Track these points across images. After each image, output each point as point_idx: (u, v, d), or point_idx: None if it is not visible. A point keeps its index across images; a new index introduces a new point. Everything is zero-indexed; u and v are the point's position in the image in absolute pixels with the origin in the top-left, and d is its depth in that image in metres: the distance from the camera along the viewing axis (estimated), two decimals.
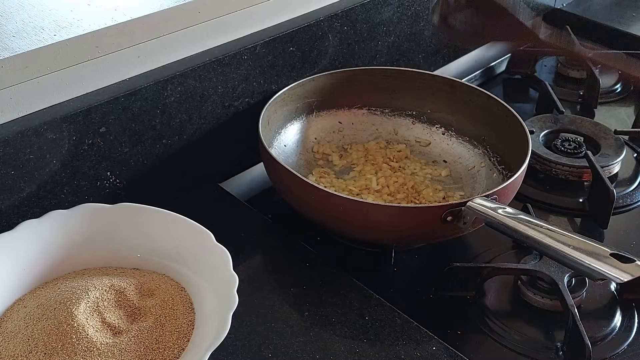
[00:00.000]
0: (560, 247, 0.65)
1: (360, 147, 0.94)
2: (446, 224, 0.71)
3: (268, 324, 0.67)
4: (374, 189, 0.85)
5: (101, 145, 0.74)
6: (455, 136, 0.93)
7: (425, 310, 0.74)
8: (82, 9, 0.76)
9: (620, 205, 0.89)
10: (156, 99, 0.76)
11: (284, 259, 0.77)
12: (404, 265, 0.80)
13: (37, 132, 0.68)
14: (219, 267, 0.65)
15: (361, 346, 0.65)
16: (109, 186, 0.76)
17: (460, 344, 0.69)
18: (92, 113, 0.72)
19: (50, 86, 0.70)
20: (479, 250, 0.82)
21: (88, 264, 0.70)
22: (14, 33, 0.70)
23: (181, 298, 0.66)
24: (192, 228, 0.70)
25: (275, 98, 0.86)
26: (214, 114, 0.83)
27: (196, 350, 0.59)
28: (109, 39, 0.73)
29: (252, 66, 0.84)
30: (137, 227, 0.71)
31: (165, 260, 0.69)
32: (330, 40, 0.92)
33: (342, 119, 0.95)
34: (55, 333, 0.59)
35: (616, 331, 0.73)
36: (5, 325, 0.62)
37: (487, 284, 0.76)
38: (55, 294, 0.63)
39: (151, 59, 0.77)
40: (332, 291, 0.71)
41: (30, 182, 0.69)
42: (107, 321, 0.61)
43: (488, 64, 1.22)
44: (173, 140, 0.80)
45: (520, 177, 0.78)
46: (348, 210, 0.72)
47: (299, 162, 0.90)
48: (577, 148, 0.95)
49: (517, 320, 0.73)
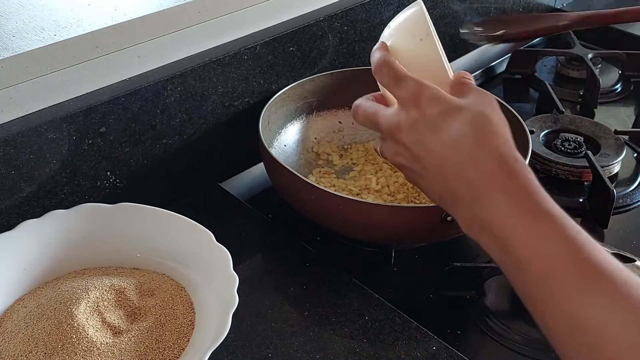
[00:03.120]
0: None
1: (361, 147, 0.94)
2: (446, 223, 0.71)
3: (268, 324, 0.67)
4: (374, 189, 0.85)
5: (101, 145, 0.74)
6: None
7: (425, 310, 0.74)
8: (82, 9, 0.76)
9: (620, 205, 0.89)
10: (156, 99, 0.76)
11: (284, 259, 0.77)
12: (404, 265, 0.80)
13: (37, 132, 0.68)
14: (219, 267, 0.66)
15: (361, 346, 0.65)
16: (109, 186, 0.76)
17: (460, 344, 0.69)
18: (92, 113, 0.72)
19: (50, 86, 0.70)
20: (479, 250, 0.81)
21: (88, 264, 0.70)
22: (14, 33, 0.70)
23: (181, 298, 0.66)
24: (192, 228, 0.70)
25: (275, 98, 0.86)
26: (214, 114, 0.83)
27: (196, 350, 0.59)
28: (109, 39, 0.73)
29: (252, 66, 0.84)
30: (137, 227, 0.71)
31: (165, 260, 0.69)
32: (330, 40, 0.92)
33: (342, 118, 0.95)
34: (55, 333, 0.59)
35: None
36: (5, 325, 0.62)
37: (487, 284, 0.76)
38: (56, 294, 0.63)
39: (151, 59, 0.77)
40: (332, 291, 0.71)
41: (30, 182, 0.69)
42: (107, 321, 0.61)
43: (488, 64, 1.22)
44: (173, 140, 0.80)
45: None
46: (348, 210, 0.72)
47: (299, 162, 0.90)
48: (577, 148, 0.95)
49: (517, 320, 0.73)
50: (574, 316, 0.48)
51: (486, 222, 0.53)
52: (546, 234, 0.50)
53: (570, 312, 0.48)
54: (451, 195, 0.56)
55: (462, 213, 0.56)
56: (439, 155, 0.56)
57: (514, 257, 0.51)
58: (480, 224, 0.54)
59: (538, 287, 0.50)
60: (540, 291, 0.50)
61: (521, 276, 0.52)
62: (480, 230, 0.54)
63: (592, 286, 0.48)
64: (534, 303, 0.52)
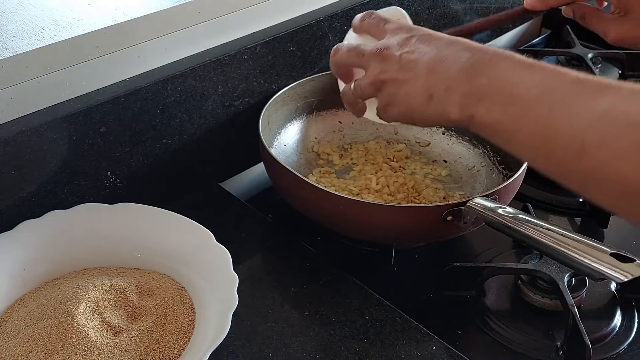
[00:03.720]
0: (560, 246, 0.65)
1: (361, 147, 0.94)
2: (446, 223, 0.71)
3: (268, 324, 0.67)
4: (374, 188, 0.85)
5: (101, 145, 0.74)
6: (455, 136, 0.93)
7: (425, 310, 0.74)
8: (82, 9, 0.76)
9: None
10: (156, 98, 0.76)
11: (284, 258, 0.77)
12: (404, 265, 0.80)
13: (37, 132, 0.68)
14: (219, 267, 0.66)
15: (361, 346, 0.65)
16: (109, 186, 0.76)
17: (460, 343, 0.69)
18: (93, 113, 0.72)
19: (50, 86, 0.70)
20: (479, 250, 0.82)
21: (88, 264, 0.70)
22: (14, 33, 0.70)
23: (181, 298, 0.66)
24: (192, 228, 0.70)
25: (275, 98, 0.86)
26: (214, 114, 0.83)
27: (196, 350, 0.59)
28: (109, 39, 0.73)
29: (252, 66, 0.84)
30: (137, 227, 0.71)
31: (165, 260, 0.69)
32: (331, 40, 0.92)
33: (342, 118, 0.95)
34: (55, 333, 0.59)
35: (616, 331, 0.73)
36: (5, 325, 0.62)
37: (487, 284, 0.76)
38: (56, 294, 0.63)
39: (151, 59, 0.77)
40: (332, 291, 0.71)
41: (30, 182, 0.69)
42: (108, 321, 0.61)
43: None
44: (173, 140, 0.80)
45: (520, 176, 0.78)
46: (348, 210, 0.72)
47: (299, 162, 0.90)
48: None
49: (517, 320, 0.73)
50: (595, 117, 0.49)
51: (490, 85, 0.55)
52: (557, 72, 0.53)
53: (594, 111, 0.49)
54: (444, 83, 0.58)
55: (455, 97, 0.57)
56: (432, 53, 0.59)
57: (523, 102, 0.53)
58: (480, 94, 0.55)
59: (554, 123, 0.51)
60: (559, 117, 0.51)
61: (533, 120, 0.53)
62: (479, 101, 0.55)
63: (609, 90, 0.50)
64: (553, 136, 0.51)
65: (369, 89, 0.64)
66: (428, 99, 0.59)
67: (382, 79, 0.62)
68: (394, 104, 0.62)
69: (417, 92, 0.60)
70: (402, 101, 0.62)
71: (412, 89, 0.60)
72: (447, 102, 0.58)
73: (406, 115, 0.62)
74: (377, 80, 0.63)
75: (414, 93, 0.60)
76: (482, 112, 0.56)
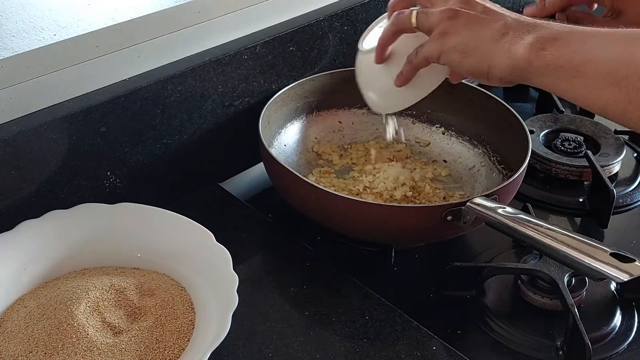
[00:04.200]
0: (560, 246, 0.65)
1: (361, 147, 0.94)
2: (446, 223, 0.71)
3: (268, 324, 0.67)
4: (374, 188, 0.85)
5: (101, 145, 0.74)
6: (455, 136, 0.93)
7: (425, 310, 0.74)
8: (82, 9, 0.76)
9: (620, 205, 0.89)
10: (156, 98, 0.76)
11: (284, 259, 0.77)
12: (404, 265, 0.80)
13: (37, 132, 0.68)
14: (219, 267, 0.66)
15: (361, 346, 0.65)
16: (109, 186, 0.76)
17: (460, 343, 0.69)
18: (93, 113, 0.72)
19: (50, 86, 0.70)
20: (479, 250, 0.81)
21: (88, 264, 0.70)
22: (14, 33, 0.70)
23: (181, 298, 0.66)
24: (192, 228, 0.70)
25: (275, 98, 0.86)
26: (214, 114, 0.83)
27: (196, 350, 0.59)
28: (109, 39, 0.73)
29: (252, 66, 0.84)
30: (137, 227, 0.71)
31: (165, 260, 0.69)
32: (330, 40, 0.92)
33: (342, 118, 0.95)
34: (55, 333, 0.59)
35: (616, 331, 0.73)
36: (5, 325, 0.62)
37: (487, 284, 0.76)
38: (56, 294, 0.63)
39: (151, 59, 0.78)
40: (332, 291, 0.71)
41: (30, 182, 0.69)
42: (108, 321, 0.61)
43: None
44: (173, 140, 0.80)
45: (520, 176, 0.78)
46: (348, 210, 0.72)
47: (299, 162, 0.90)
48: (577, 148, 0.95)
49: (517, 320, 0.73)
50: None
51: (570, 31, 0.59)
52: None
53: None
54: (527, 28, 0.60)
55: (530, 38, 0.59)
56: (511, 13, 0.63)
57: (602, 36, 0.57)
58: (557, 35, 0.58)
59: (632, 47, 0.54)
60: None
61: (609, 49, 0.56)
62: (555, 40, 0.58)
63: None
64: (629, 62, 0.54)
65: (438, 15, 0.63)
66: (501, 35, 0.61)
67: (457, 9, 0.62)
68: (458, 32, 0.62)
69: (492, 28, 0.61)
70: (468, 33, 0.62)
71: (488, 25, 0.61)
72: (521, 40, 0.59)
73: (465, 46, 0.62)
74: (451, 9, 0.63)
75: (489, 28, 0.61)
76: (554, 50, 0.58)
